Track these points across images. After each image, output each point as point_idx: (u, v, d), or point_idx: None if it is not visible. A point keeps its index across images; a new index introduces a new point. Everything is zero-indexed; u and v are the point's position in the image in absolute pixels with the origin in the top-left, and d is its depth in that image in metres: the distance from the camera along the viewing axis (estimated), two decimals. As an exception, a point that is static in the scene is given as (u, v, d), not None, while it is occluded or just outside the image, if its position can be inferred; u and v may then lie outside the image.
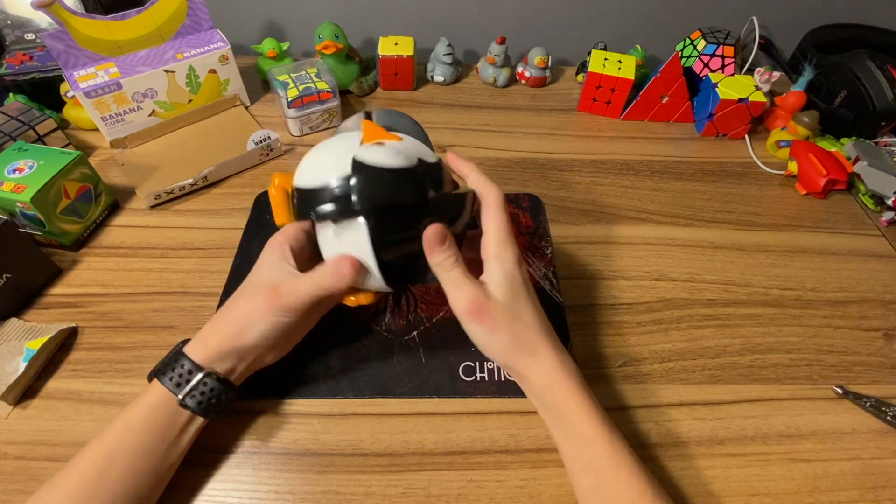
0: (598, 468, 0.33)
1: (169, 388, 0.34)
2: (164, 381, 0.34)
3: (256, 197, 0.56)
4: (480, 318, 0.34)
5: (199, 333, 0.36)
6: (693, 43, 0.71)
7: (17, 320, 0.43)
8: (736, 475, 0.38)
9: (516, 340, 0.35)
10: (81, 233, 0.50)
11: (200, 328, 0.36)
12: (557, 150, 0.65)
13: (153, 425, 0.33)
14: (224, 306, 0.37)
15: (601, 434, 0.33)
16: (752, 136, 0.68)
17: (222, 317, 0.36)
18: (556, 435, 0.36)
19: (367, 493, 0.36)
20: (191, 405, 0.34)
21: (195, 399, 0.34)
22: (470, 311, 0.34)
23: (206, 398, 0.34)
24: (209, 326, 0.36)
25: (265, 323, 0.35)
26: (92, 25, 0.56)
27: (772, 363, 0.45)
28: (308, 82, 0.62)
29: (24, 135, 0.53)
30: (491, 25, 0.79)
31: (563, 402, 0.34)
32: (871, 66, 0.63)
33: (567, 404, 0.34)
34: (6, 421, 0.39)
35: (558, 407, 0.35)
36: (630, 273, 0.51)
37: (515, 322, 0.35)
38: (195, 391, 0.34)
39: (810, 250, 0.55)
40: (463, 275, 0.34)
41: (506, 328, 0.34)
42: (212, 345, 0.35)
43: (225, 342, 0.35)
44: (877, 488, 0.38)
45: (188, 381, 0.34)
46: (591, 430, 0.33)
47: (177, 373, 0.34)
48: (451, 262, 0.34)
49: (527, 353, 0.35)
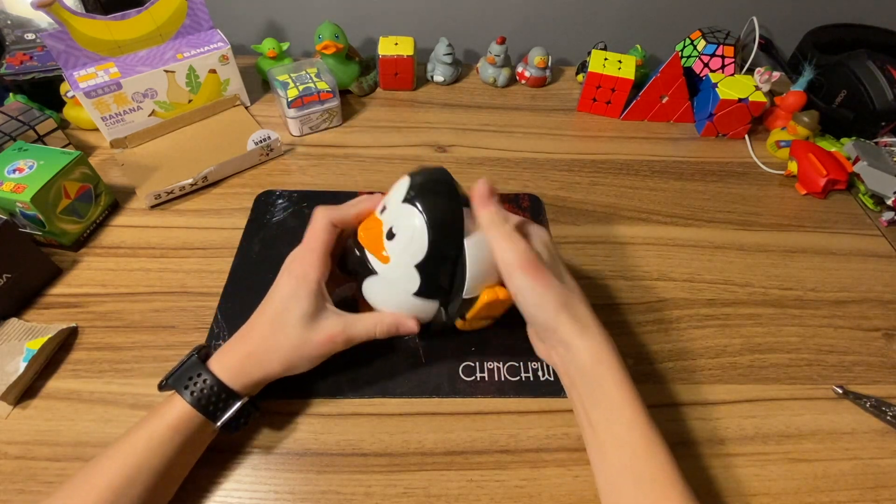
0: (635, 448, 0.33)
1: (201, 411, 0.34)
2: (190, 399, 0.33)
3: (256, 197, 0.56)
4: (532, 272, 0.34)
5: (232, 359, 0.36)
6: (693, 43, 0.71)
7: (17, 320, 0.43)
8: (736, 475, 0.38)
9: (564, 303, 0.35)
10: (81, 233, 0.50)
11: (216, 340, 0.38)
12: (557, 150, 0.65)
13: (181, 445, 0.33)
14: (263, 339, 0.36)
15: (641, 415, 0.33)
16: (752, 136, 0.68)
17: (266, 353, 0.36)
18: (591, 410, 0.35)
19: (367, 493, 0.36)
20: (229, 430, 0.35)
21: (232, 426, 0.35)
22: (522, 265, 0.34)
23: (242, 423, 0.36)
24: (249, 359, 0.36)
25: (313, 363, 0.37)
26: (92, 25, 0.56)
27: (772, 363, 0.45)
28: (308, 82, 0.62)
29: (24, 135, 0.53)
30: (491, 25, 0.79)
31: (608, 380, 0.34)
32: (871, 66, 0.63)
33: (613, 383, 0.34)
34: (6, 421, 0.39)
35: (603, 384, 0.34)
36: (630, 273, 0.51)
37: (561, 284, 0.35)
38: (234, 420, 0.35)
39: (810, 250, 0.55)
40: (514, 230, 0.35)
41: (555, 288, 0.34)
42: (253, 377, 0.36)
43: (267, 377, 0.36)
44: (877, 488, 0.38)
45: (225, 409, 0.34)
46: (632, 410, 0.34)
47: (207, 395, 0.34)
48: (503, 216, 0.35)
49: (575, 321, 0.35)
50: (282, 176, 0.59)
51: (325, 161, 0.61)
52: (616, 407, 0.34)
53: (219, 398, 0.34)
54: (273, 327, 0.36)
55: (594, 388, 0.35)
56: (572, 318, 0.35)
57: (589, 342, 0.35)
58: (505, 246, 0.34)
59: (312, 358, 0.37)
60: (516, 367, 0.43)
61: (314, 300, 0.36)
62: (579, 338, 0.34)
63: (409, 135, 0.66)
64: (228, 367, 0.35)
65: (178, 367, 0.35)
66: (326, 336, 0.36)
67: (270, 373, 0.36)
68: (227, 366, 0.35)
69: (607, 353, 0.35)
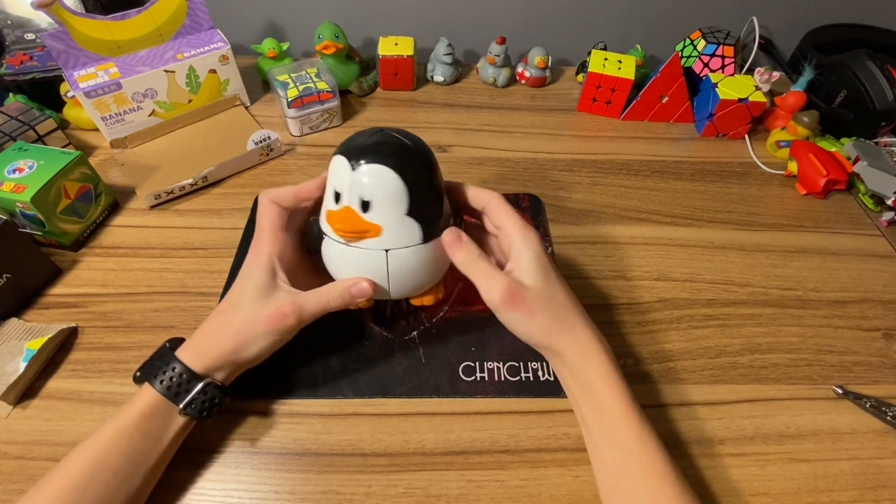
0: (626, 445, 0.33)
1: (167, 397, 0.34)
2: (159, 388, 0.34)
3: (256, 197, 0.56)
4: (517, 305, 0.34)
5: (192, 342, 0.36)
6: (693, 43, 0.71)
7: (17, 320, 0.43)
8: (736, 475, 0.38)
9: (554, 321, 0.35)
10: (81, 233, 0.50)
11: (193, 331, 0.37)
12: (557, 150, 0.65)
13: (147, 431, 0.33)
14: (217, 317, 0.37)
15: (631, 412, 0.34)
16: (752, 136, 0.68)
17: (217, 329, 0.36)
18: (585, 411, 0.36)
19: (367, 493, 0.36)
20: (192, 413, 0.34)
21: (196, 408, 0.35)
22: (504, 300, 0.34)
23: (206, 406, 0.35)
24: (204, 338, 0.36)
25: (266, 341, 0.36)
26: (92, 25, 0.56)
27: (772, 363, 0.45)
28: (308, 82, 0.62)
29: (24, 135, 0.53)
30: (491, 25, 0.79)
31: (596, 377, 0.35)
32: (871, 66, 0.63)
33: (601, 380, 0.35)
34: (6, 421, 0.39)
35: (591, 382, 0.35)
36: (630, 273, 0.51)
37: (551, 302, 0.35)
38: (195, 400, 0.34)
39: (810, 250, 0.55)
40: (490, 266, 0.35)
41: (543, 311, 0.35)
42: (209, 356, 0.35)
43: (223, 356, 0.35)
44: (877, 488, 0.38)
45: (188, 391, 0.34)
46: (622, 408, 0.34)
47: (174, 382, 0.34)
48: (475, 255, 0.36)
49: (564, 330, 0.36)
50: (282, 176, 0.59)
51: (325, 161, 0.60)
52: (605, 404, 0.34)
53: (182, 381, 0.34)
54: (230, 305, 0.36)
55: (584, 388, 0.36)
56: (562, 332, 0.36)
57: (575, 344, 0.36)
58: (485, 285, 0.35)
59: (264, 335, 0.35)
60: (516, 368, 0.43)
61: (265, 274, 0.36)
62: (566, 345, 0.36)
63: (409, 135, 0.66)
64: (189, 350, 0.36)
65: (149, 359, 0.36)
66: (275, 309, 0.35)
67: (223, 350, 0.35)
68: (188, 349, 0.36)
69: (595, 351, 0.36)
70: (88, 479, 0.31)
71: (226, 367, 0.36)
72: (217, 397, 0.35)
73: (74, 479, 0.31)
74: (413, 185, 0.34)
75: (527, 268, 0.35)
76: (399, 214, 0.35)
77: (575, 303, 0.37)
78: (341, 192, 0.35)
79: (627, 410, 0.34)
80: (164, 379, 0.34)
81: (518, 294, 0.34)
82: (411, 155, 0.35)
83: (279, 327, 0.35)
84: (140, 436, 0.33)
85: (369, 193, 0.34)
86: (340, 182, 0.35)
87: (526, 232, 0.36)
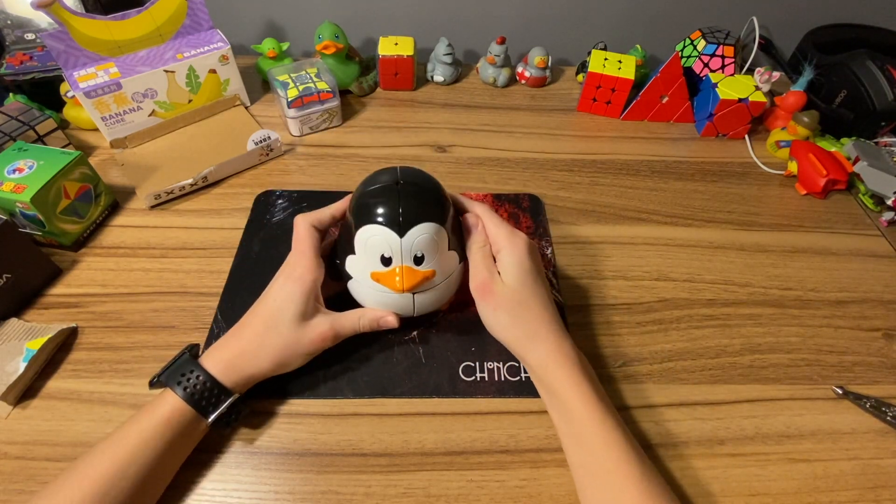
0: (590, 445, 0.34)
1: (195, 407, 0.34)
2: (184, 395, 0.34)
3: (256, 197, 0.56)
4: (484, 295, 0.38)
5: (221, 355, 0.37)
6: (693, 43, 0.71)
7: (17, 320, 0.43)
8: (736, 475, 0.38)
9: (518, 324, 0.37)
10: (81, 233, 0.50)
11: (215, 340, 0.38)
12: (557, 150, 0.65)
13: (171, 439, 0.34)
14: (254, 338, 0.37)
15: (593, 413, 0.34)
16: (752, 136, 0.68)
17: (256, 351, 0.37)
18: (552, 415, 0.38)
19: (367, 493, 0.36)
20: (220, 426, 0.36)
21: (224, 421, 0.36)
22: (476, 288, 0.38)
23: (232, 420, 0.36)
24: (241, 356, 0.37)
25: (303, 361, 0.39)
26: (92, 25, 0.56)
27: (772, 363, 0.45)
28: (308, 82, 0.62)
29: (24, 135, 0.53)
30: (491, 25, 0.79)
31: (557, 381, 0.36)
32: (871, 66, 0.63)
33: (562, 384, 0.36)
34: (6, 421, 0.39)
35: (552, 386, 0.36)
36: (630, 273, 0.51)
37: (518, 306, 0.37)
38: (225, 415, 0.35)
39: (810, 250, 0.55)
40: (484, 258, 0.39)
41: (507, 309, 0.37)
42: (243, 374, 0.36)
43: (259, 374, 0.37)
44: (877, 488, 0.38)
45: (216, 405, 0.35)
46: (584, 409, 0.35)
47: (202, 393, 0.35)
48: (481, 244, 0.39)
49: (527, 337, 0.37)
50: (282, 176, 0.59)
51: (325, 161, 0.61)
52: (566, 406, 0.35)
53: (211, 394, 0.35)
54: (266, 326, 0.37)
55: (549, 393, 0.37)
56: (524, 336, 0.37)
57: (536, 350, 0.37)
58: (471, 272, 0.39)
59: (303, 356, 0.39)
60: (516, 368, 0.43)
61: (309, 301, 0.38)
62: (528, 350, 0.37)
63: (409, 135, 0.66)
64: (220, 364, 0.36)
65: (170, 364, 0.36)
66: (318, 334, 0.38)
67: (261, 370, 0.37)
68: (219, 363, 0.36)
69: (556, 355, 0.36)
70: (110, 486, 0.31)
71: (254, 381, 0.38)
72: (242, 410, 0.37)
73: (95, 484, 0.31)
74: (447, 223, 0.38)
75: (506, 271, 0.38)
76: (444, 253, 0.38)
77: (547, 313, 0.38)
78: (392, 257, 0.37)
79: (590, 412, 0.34)
80: (190, 387, 0.34)
81: (488, 286, 0.37)
82: (437, 197, 0.38)
83: (320, 348, 0.39)
84: (164, 444, 0.33)
85: (423, 249, 0.37)
86: (387, 249, 0.37)
87: (512, 239, 0.39)
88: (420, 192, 0.38)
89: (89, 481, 0.31)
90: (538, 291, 0.38)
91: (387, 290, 0.38)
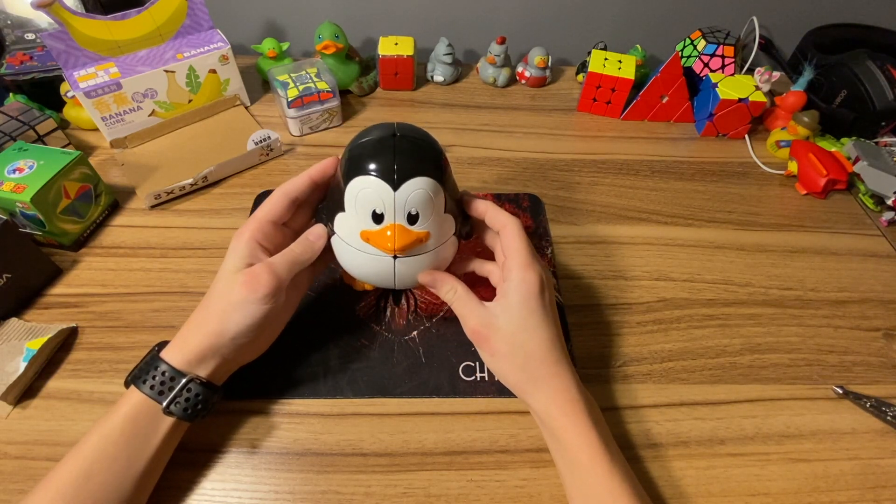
0: (596, 498, 0.33)
1: (150, 396, 0.33)
2: (143, 388, 0.33)
3: (256, 197, 0.56)
4: (481, 342, 0.36)
5: (176, 337, 0.36)
6: (693, 43, 0.71)
7: (17, 320, 0.43)
8: (736, 475, 0.38)
9: (517, 368, 0.35)
10: (81, 233, 0.50)
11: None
12: (557, 150, 0.65)
13: (133, 434, 0.33)
14: (199, 307, 0.36)
15: (600, 463, 0.33)
16: (752, 136, 0.68)
17: (199, 316, 0.36)
18: (556, 461, 0.36)
19: (367, 493, 0.36)
20: (176, 412, 0.33)
21: (180, 406, 0.34)
22: (473, 334, 0.36)
23: (191, 404, 0.34)
24: (186, 328, 0.36)
25: (246, 313, 0.34)
26: (92, 25, 0.56)
27: (772, 363, 0.45)
28: (308, 82, 0.62)
29: (24, 135, 0.53)
30: (491, 25, 0.79)
31: (561, 428, 0.34)
32: (871, 66, 0.63)
33: (566, 431, 0.34)
34: (6, 421, 0.39)
35: (556, 432, 0.34)
36: (630, 273, 0.51)
37: (517, 350, 0.35)
38: (179, 398, 0.33)
39: (810, 250, 0.55)
40: (469, 297, 0.37)
41: (506, 357, 0.35)
42: (191, 347, 0.34)
43: (204, 341, 0.34)
44: (877, 488, 0.38)
45: (171, 388, 0.33)
46: (589, 458, 0.33)
47: (157, 380, 0.33)
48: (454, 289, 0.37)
49: (529, 381, 0.35)
50: (282, 176, 0.59)
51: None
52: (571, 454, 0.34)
53: (165, 379, 0.34)
54: (208, 294, 0.36)
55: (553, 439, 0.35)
56: (525, 380, 0.35)
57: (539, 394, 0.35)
58: (463, 314, 0.37)
59: (243, 304, 0.34)
60: (516, 367, 0.43)
61: (241, 253, 0.35)
62: (530, 395, 0.36)
63: (409, 135, 0.66)
64: (173, 348, 0.35)
65: (138, 363, 0.35)
66: (247, 274, 0.34)
67: (207, 333, 0.34)
68: (173, 347, 0.35)
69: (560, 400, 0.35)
70: (77, 489, 0.31)
71: (210, 356, 0.35)
72: (201, 394, 0.34)
73: (62, 489, 0.31)
74: (445, 183, 0.35)
75: (506, 310, 0.35)
76: (440, 215, 0.35)
77: (550, 353, 0.35)
78: (384, 213, 0.34)
79: (596, 462, 0.33)
80: (148, 379, 0.33)
81: (484, 334, 0.35)
82: (435, 153, 0.35)
83: (256, 291, 0.34)
84: (126, 440, 0.32)
85: (417, 206, 0.34)
86: (379, 203, 0.34)
87: (525, 273, 0.35)
88: (418, 146, 0.35)
89: (56, 488, 0.31)
90: (541, 333, 0.35)
91: (374, 253, 0.35)
